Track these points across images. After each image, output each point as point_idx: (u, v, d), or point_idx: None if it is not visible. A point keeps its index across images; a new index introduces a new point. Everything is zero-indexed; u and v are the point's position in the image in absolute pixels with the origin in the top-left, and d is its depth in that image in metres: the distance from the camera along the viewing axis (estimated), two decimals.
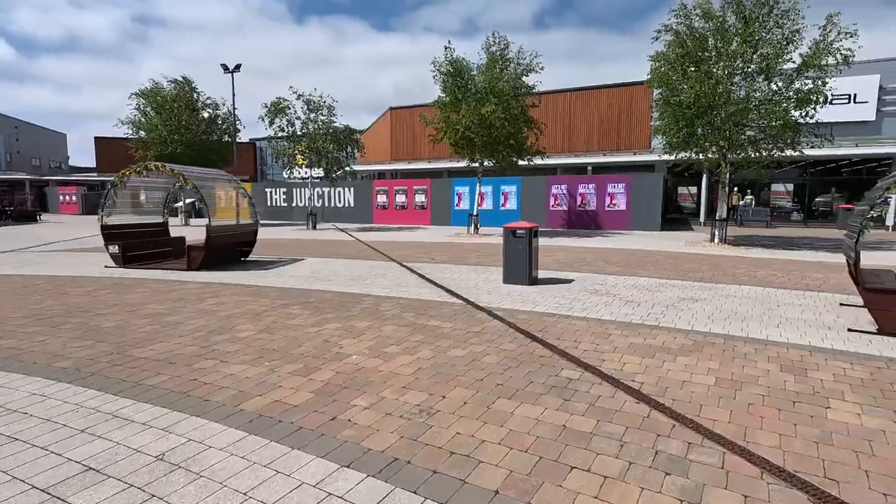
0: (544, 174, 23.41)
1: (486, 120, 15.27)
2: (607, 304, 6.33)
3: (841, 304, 6.30)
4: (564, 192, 20.92)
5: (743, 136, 13.70)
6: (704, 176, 22.40)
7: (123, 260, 9.48)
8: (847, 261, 5.91)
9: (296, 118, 20.58)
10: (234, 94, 24.58)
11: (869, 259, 10.46)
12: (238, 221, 10.37)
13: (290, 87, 20.42)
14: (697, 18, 13.22)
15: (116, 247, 9.43)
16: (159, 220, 10.99)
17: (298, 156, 21.03)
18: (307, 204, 23.33)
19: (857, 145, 20.13)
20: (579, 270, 9.35)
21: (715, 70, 13.08)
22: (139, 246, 9.90)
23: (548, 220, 21.18)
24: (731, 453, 2.64)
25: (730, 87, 13.13)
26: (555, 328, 5.21)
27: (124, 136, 23.79)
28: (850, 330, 5.05)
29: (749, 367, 3.98)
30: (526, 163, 17.90)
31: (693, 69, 13.04)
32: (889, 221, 19.34)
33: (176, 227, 14.47)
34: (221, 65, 24.02)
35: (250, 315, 5.78)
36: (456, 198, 23.10)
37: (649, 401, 3.34)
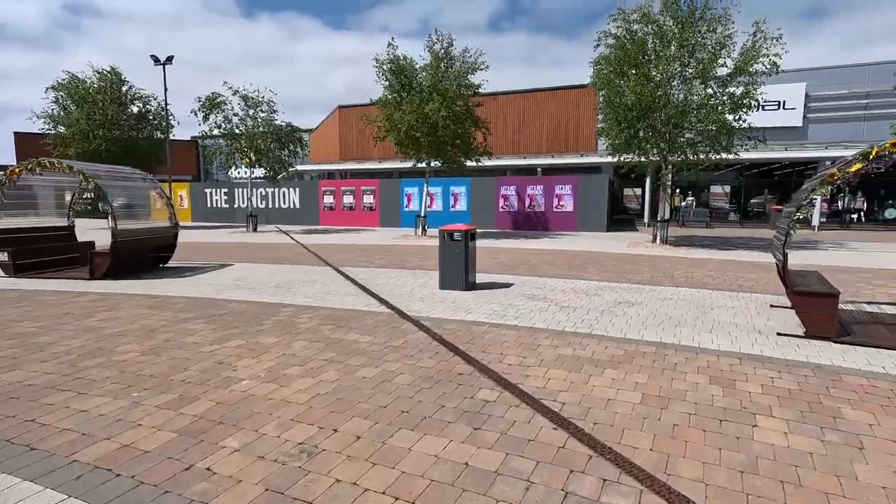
0: (495, 175, 23.31)
1: (430, 118, 14.86)
2: (542, 311, 6.02)
3: (772, 306, 6.28)
4: (513, 193, 20.84)
5: (682, 139, 13.97)
6: (648, 178, 22.94)
7: (14, 269, 8.39)
8: (776, 263, 5.87)
9: (233, 114, 19.45)
10: (165, 88, 22.98)
11: (796, 258, 10.84)
12: (153, 224, 9.43)
13: (225, 82, 19.23)
14: (636, 22, 13.36)
15: (5, 254, 8.33)
16: (64, 222, 9.87)
17: (246, 155, 19.92)
18: (247, 205, 22.14)
19: (786, 149, 21.17)
20: (521, 273, 9.08)
21: (654, 73, 13.24)
22: (35, 252, 8.81)
23: (497, 222, 21.04)
24: (649, 491, 2.31)
25: (669, 91, 13.33)
26: (482, 339, 4.82)
27: (41, 132, 21.77)
28: (779, 334, 4.95)
29: (678, 380, 3.72)
30: (474, 163, 17.64)
31: (633, 72, 13.14)
32: (815, 222, 20.43)
33: (103, 231, 13.21)
34: (151, 56, 22.35)
35: (141, 332, 5.07)
36: (405, 199, 22.58)
37: (568, 426, 2.98)
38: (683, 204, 24.30)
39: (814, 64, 21.83)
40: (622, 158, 15.05)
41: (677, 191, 24.65)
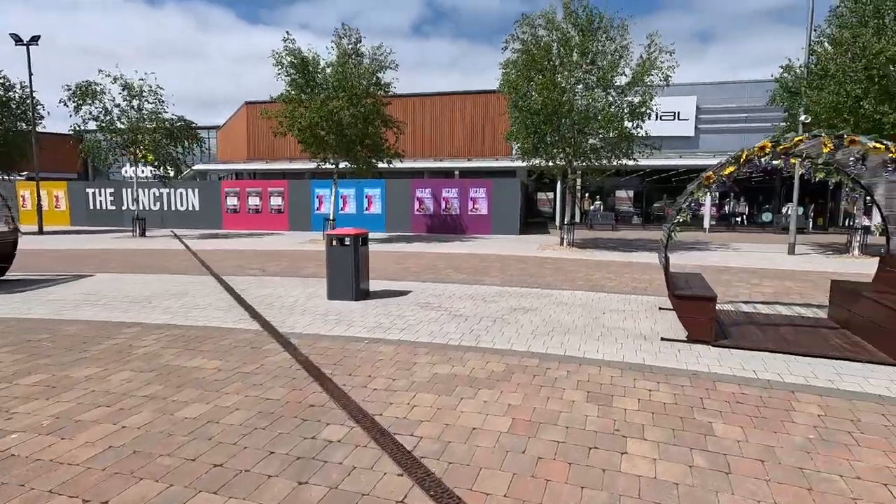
0: (413, 178, 22.84)
1: (335, 116, 14.06)
2: (432, 321, 5.57)
3: (660, 309, 6.31)
4: (429, 196, 20.49)
5: (586, 145, 14.35)
6: (559, 182, 23.65)
7: None
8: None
9: (114, 106, 17.31)
10: (30, 73, 19.88)
11: (688, 259, 11.41)
12: None
13: (100, 70, 17.02)
14: (542, 28, 13.52)
15: None
16: None
17: (131, 151, 17.77)
18: (135, 207, 19.86)
19: (680, 157, 22.75)
20: (424, 280, 8.63)
21: (559, 79, 13.46)
22: None
23: (413, 225, 20.59)
24: None
25: (573, 97, 13.62)
26: (354, 359, 4.25)
27: None
28: (663, 339, 4.87)
29: (554, 399, 3.39)
30: (386, 165, 17.04)
31: (540, 77, 13.26)
32: (706, 224, 22.12)
33: None
34: (11, 34, 19.27)
35: None
36: (316, 201, 21.44)
37: (418, 468, 2.50)
38: (592, 207, 25.36)
39: (704, 80, 23.72)
40: (531, 162, 15.21)
41: (587, 195, 25.70)
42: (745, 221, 24.38)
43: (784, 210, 23.84)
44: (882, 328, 4.39)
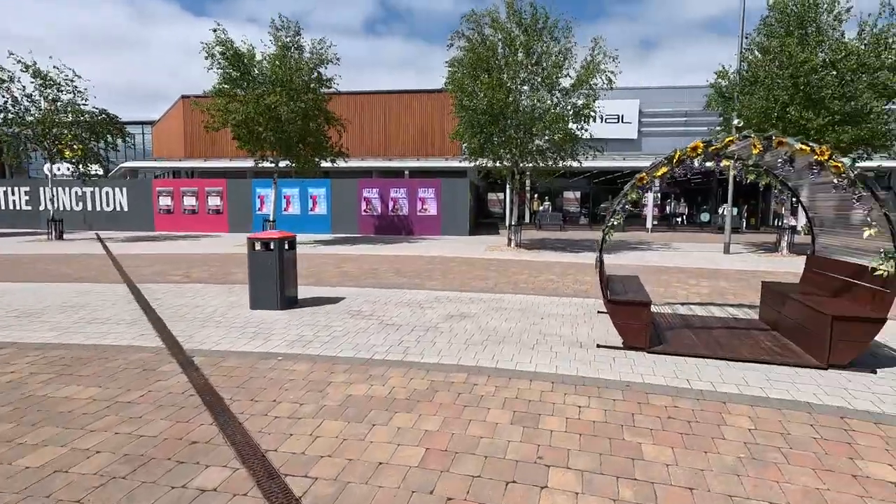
0: (362, 178, 22.20)
1: (273, 112, 13.31)
2: (360, 332, 5.15)
3: (598, 312, 6.17)
4: (376, 196, 19.94)
5: (532, 145, 14.30)
6: (508, 183, 23.70)
7: None
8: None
9: (24, 95, 15.69)
10: None
11: (630, 259, 11.51)
12: None
13: (11, 52, 15.38)
14: (488, 26, 13.34)
15: None
16: None
17: (46, 146, 16.15)
18: (51, 207, 18.15)
19: (624, 159, 23.32)
20: (362, 285, 8.17)
21: (505, 79, 13.33)
22: None
23: (360, 226, 19.97)
24: None
25: (518, 97, 13.52)
26: (261, 380, 3.78)
27: None
28: (599, 346, 4.68)
29: (476, 423, 3.07)
30: (330, 164, 16.38)
31: (486, 76, 13.06)
32: (648, 224, 22.79)
33: None
34: None
35: None
36: (258, 201, 20.40)
37: None
38: (541, 208, 25.60)
39: (646, 84, 24.45)
40: (478, 163, 15.02)
41: (535, 196, 25.93)
42: (685, 221, 25.35)
43: (720, 210, 24.97)
44: (807, 330, 4.37)
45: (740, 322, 5.61)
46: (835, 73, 11.88)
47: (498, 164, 14.96)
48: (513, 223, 15.04)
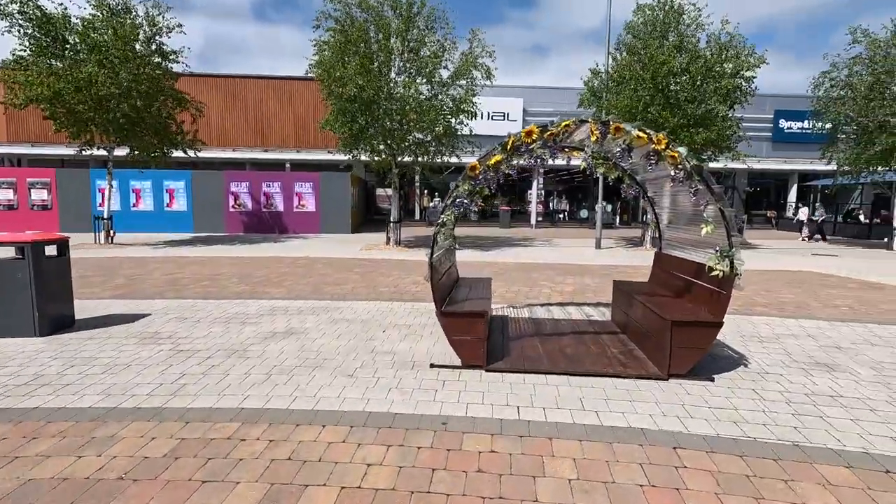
0: (238, 170, 19.94)
1: (97, 89, 11.05)
2: (130, 367, 3.91)
3: None
4: (246, 190, 17.95)
5: (411, 138, 13.56)
6: (390, 177, 22.86)
7: None
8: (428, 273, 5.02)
9: None
10: None
11: (507, 256, 11.11)
12: None
13: None
14: (356, 6, 12.29)
15: None
16: None
17: None
18: None
19: None
20: (185, 295, 6.76)
21: (376, 64, 12.40)
22: None
23: (227, 224, 17.85)
24: None
25: (392, 86, 12.67)
26: None
27: None
28: (433, 366, 3.95)
29: None
30: (183, 154, 14.22)
31: (356, 61, 12.01)
32: (532, 221, 23.34)
33: None
34: None
35: None
36: (98, 195, 17.34)
37: None
38: (431, 204, 25.15)
39: (530, 84, 25.00)
40: (352, 155, 13.95)
41: (426, 192, 25.42)
42: (567, 218, 26.48)
43: (597, 207, 26.49)
44: (650, 334, 4.03)
45: (593, 325, 5.26)
46: (688, 76, 12.66)
47: (375, 157, 14.02)
48: (392, 220, 14.17)
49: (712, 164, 15.42)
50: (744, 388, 3.59)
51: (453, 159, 14.23)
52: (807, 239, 17.84)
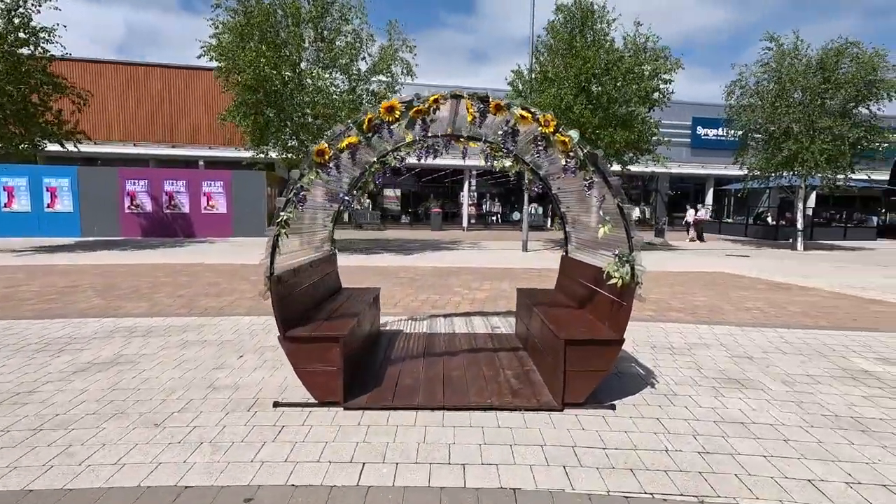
0: (128, 167, 17.91)
1: None
2: None
3: None
4: (144, 189, 16.08)
5: (327, 134, 12.54)
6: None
7: None
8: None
9: None
10: None
11: (426, 261, 10.16)
12: None
13: None
14: None
15: None
16: None
17: None
18: None
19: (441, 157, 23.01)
20: (10, 314, 5.44)
21: (286, 52, 11.32)
22: None
23: (122, 227, 15.91)
24: None
25: (300, 74, 11.64)
26: None
27: None
28: (277, 405, 3.10)
29: None
30: (62, 148, 12.35)
31: (262, 47, 10.87)
32: (464, 223, 22.89)
33: None
34: None
35: None
36: None
37: None
38: (360, 207, 24.06)
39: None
40: (259, 151, 12.74)
41: (355, 192, 24.28)
42: (500, 220, 26.30)
43: (528, 209, 26.51)
44: (547, 353, 3.41)
45: (494, 340, 4.61)
46: (609, 77, 12.60)
47: (287, 155, 12.89)
48: None
49: (636, 167, 15.60)
50: (648, 416, 3.04)
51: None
52: (695, 239, 18.32)
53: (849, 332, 5.27)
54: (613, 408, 3.13)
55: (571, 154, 2.91)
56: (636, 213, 19.43)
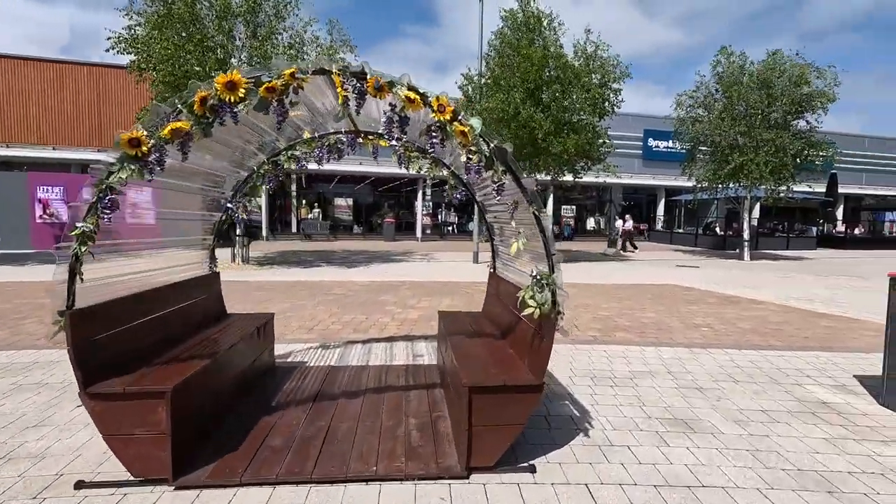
0: (41, 171, 16.23)
1: None
2: None
3: None
4: (59, 196, 14.51)
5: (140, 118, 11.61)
6: (264, 188, 20.50)
7: None
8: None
9: None
10: None
11: (373, 274, 9.21)
12: None
13: None
14: None
15: None
16: None
17: None
18: None
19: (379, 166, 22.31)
20: None
21: (210, 48, 10.38)
22: None
23: (33, 238, 14.25)
24: None
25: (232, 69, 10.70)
26: None
27: None
28: (81, 486, 2.27)
29: None
30: None
31: (182, 39, 9.89)
32: (418, 233, 22.20)
33: None
34: None
35: None
36: None
37: None
38: (310, 216, 22.98)
39: None
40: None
41: (303, 202, 23.19)
42: (457, 230, 25.74)
43: (475, 218, 26.11)
44: (453, 398, 2.73)
45: (409, 374, 3.90)
46: (559, 85, 12.30)
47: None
48: (238, 234, 12.02)
49: (588, 177, 15.37)
50: (575, 481, 2.40)
51: (329, 166, 12.48)
52: (623, 250, 18.35)
53: (801, 352, 4.87)
54: (533, 470, 2.48)
55: (474, 148, 2.26)
56: (631, 223, 19.25)
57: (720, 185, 16.07)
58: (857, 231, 27.21)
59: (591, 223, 19.37)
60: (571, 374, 4.07)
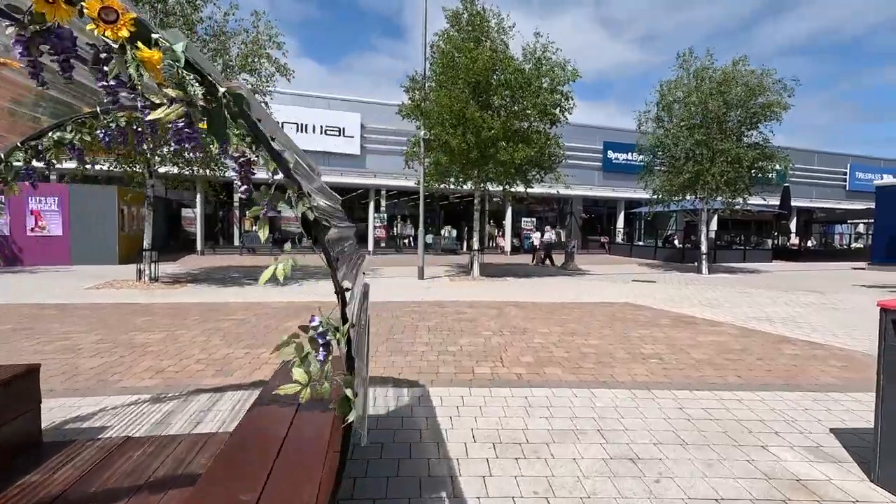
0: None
1: None
2: None
3: None
4: None
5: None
6: (199, 196, 19.02)
7: None
8: None
9: None
10: None
11: (298, 294, 7.84)
12: None
13: None
14: None
15: None
16: None
17: None
18: None
19: (342, 174, 21.15)
20: None
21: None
22: None
23: None
24: None
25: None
26: None
27: None
28: None
29: None
30: None
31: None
32: (370, 246, 20.98)
33: None
34: None
35: None
36: None
37: None
38: (254, 228, 21.49)
39: (368, 98, 22.88)
40: (85, 165, 10.19)
41: (246, 213, 21.67)
42: (413, 243, 24.64)
43: (442, 232, 25.14)
44: None
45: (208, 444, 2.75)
46: (508, 91, 11.52)
47: (126, 167, 10.46)
48: (144, 248, 10.57)
49: (541, 188, 14.59)
50: None
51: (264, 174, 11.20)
52: (540, 263, 17.62)
53: (764, 393, 3.99)
54: None
55: (172, 91, 1.19)
56: (550, 235, 18.34)
57: (676, 197, 15.61)
58: (809, 244, 27.61)
59: (549, 235, 18.69)
60: (470, 437, 3.02)
